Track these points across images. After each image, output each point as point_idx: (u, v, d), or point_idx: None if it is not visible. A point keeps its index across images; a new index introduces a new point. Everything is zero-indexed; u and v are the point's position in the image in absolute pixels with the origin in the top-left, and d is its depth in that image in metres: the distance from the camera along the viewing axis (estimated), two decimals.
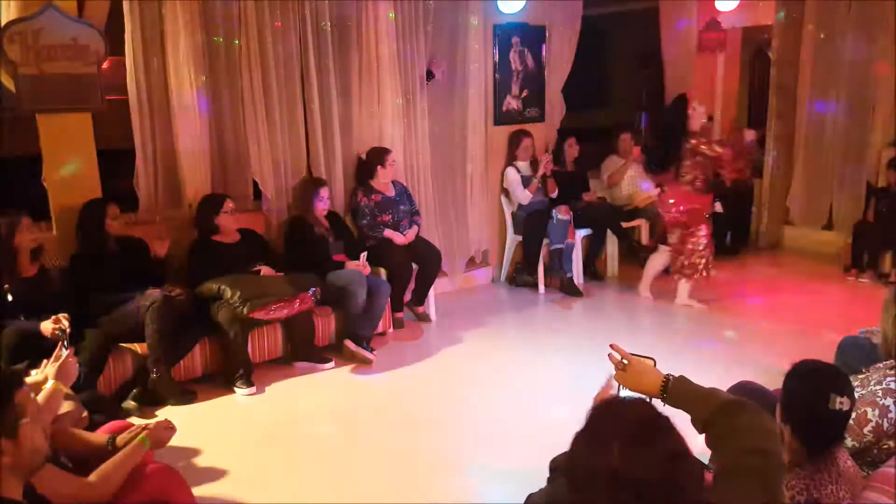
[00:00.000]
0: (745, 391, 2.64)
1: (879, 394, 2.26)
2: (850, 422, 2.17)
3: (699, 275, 5.33)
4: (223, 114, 4.77)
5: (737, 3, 7.15)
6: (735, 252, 7.04)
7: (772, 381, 2.43)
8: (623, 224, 6.37)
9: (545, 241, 5.96)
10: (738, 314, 5.37)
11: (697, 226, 5.28)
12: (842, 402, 1.87)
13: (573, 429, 1.29)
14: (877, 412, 2.22)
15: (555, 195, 6.12)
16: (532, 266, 6.04)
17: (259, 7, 4.69)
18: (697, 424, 1.57)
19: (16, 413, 1.69)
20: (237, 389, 4.17)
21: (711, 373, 3.97)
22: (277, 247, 4.87)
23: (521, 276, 6.22)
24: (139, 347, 3.98)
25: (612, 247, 6.48)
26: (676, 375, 1.74)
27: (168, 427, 2.48)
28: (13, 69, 3.97)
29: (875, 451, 2.25)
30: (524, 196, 6.02)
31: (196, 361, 4.22)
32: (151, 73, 4.45)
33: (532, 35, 6.25)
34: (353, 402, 4.12)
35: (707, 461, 1.81)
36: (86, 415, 2.91)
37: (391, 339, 5.05)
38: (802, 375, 1.97)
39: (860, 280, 6.03)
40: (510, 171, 6.10)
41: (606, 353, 1.89)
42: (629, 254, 6.60)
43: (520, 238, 6.20)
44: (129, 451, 2.25)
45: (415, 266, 5.21)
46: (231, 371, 4.19)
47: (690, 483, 1.20)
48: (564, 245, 5.90)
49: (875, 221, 6.07)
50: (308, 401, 4.12)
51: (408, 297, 5.37)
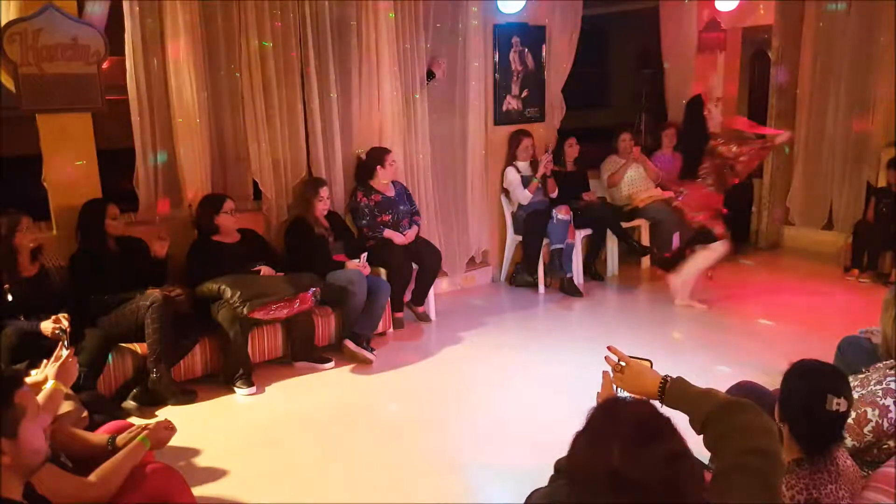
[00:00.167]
0: (745, 391, 2.64)
1: (879, 394, 2.26)
2: (850, 421, 2.17)
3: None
4: (223, 114, 4.78)
5: (737, 3, 7.15)
6: (735, 252, 7.03)
7: (771, 381, 2.43)
8: (623, 224, 6.37)
9: (545, 241, 5.96)
10: (738, 314, 5.37)
11: (715, 225, 5.32)
12: (839, 403, 1.87)
13: (573, 429, 1.29)
14: (877, 412, 2.22)
15: (555, 195, 6.13)
16: (532, 266, 6.03)
17: (259, 7, 4.69)
18: (696, 425, 1.57)
19: (16, 413, 1.69)
20: (237, 389, 4.17)
21: (711, 373, 4.01)
22: (277, 247, 4.87)
23: (521, 276, 6.22)
24: (139, 347, 3.99)
25: (612, 247, 6.48)
26: (674, 377, 1.74)
27: (168, 427, 2.48)
28: (13, 69, 3.98)
29: (875, 451, 2.25)
30: (524, 196, 6.02)
31: (196, 361, 4.22)
32: (151, 73, 4.46)
33: (532, 35, 6.24)
34: (353, 402, 4.12)
35: (707, 461, 1.81)
36: (86, 415, 2.92)
37: (391, 339, 5.05)
38: (800, 375, 1.97)
39: (860, 280, 6.03)
40: (510, 171, 6.10)
41: (604, 356, 1.90)
42: (629, 254, 6.60)
43: (520, 238, 6.20)
44: (129, 451, 2.25)
45: (415, 266, 5.21)
46: (231, 371, 4.20)
47: (690, 483, 1.20)
48: (564, 245, 5.90)
49: (875, 221, 6.06)
50: (308, 401, 4.12)
51: (408, 297, 5.37)
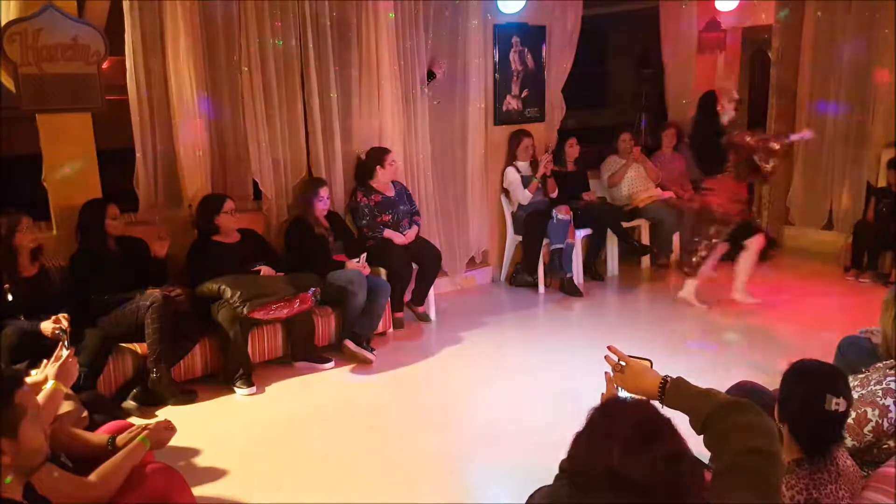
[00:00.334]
0: (745, 391, 2.64)
1: (879, 394, 2.26)
2: (850, 421, 2.17)
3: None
4: (223, 114, 4.78)
5: (737, 3, 7.15)
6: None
7: (771, 381, 2.43)
8: (623, 224, 6.37)
9: (545, 241, 5.96)
10: (738, 314, 5.37)
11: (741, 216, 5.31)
12: (838, 403, 1.86)
13: (573, 429, 1.29)
14: (877, 412, 2.22)
15: (555, 195, 6.13)
16: (532, 266, 6.03)
17: (259, 7, 4.69)
18: (696, 425, 1.57)
19: (16, 413, 1.69)
20: (237, 389, 4.17)
21: (711, 373, 4.01)
22: (277, 247, 4.87)
23: (521, 276, 6.22)
24: (139, 347, 3.99)
25: (612, 247, 6.48)
26: (674, 377, 1.74)
27: (168, 427, 2.48)
28: (13, 69, 3.98)
29: (875, 451, 2.25)
30: (524, 196, 6.02)
31: (196, 361, 4.22)
32: (151, 73, 4.46)
33: (532, 35, 6.24)
34: (354, 402, 4.12)
35: (706, 461, 1.81)
36: (86, 415, 2.92)
37: (391, 339, 5.05)
38: (799, 375, 1.97)
39: (860, 280, 6.02)
40: (510, 171, 6.10)
41: (604, 356, 1.90)
42: (629, 254, 6.60)
43: (520, 238, 6.20)
44: (129, 451, 2.26)
45: (415, 266, 5.21)
46: (231, 371, 4.20)
47: (690, 483, 1.20)
48: (564, 245, 5.89)
49: (875, 221, 6.06)
50: (308, 401, 4.12)
51: (408, 297, 5.37)
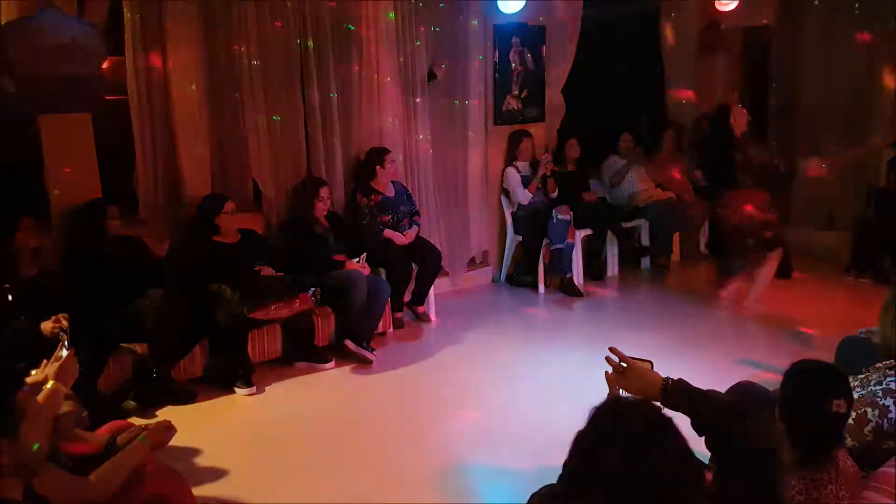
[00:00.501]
0: (745, 391, 2.64)
1: (879, 394, 2.25)
2: (851, 422, 2.17)
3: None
4: (223, 114, 4.78)
5: (737, 3, 7.15)
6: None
7: (771, 382, 2.43)
8: (623, 224, 6.37)
9: (545, 241, 5.96)
10: (738, 314, 5.36)
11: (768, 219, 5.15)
12: (838, 405, 1.86)
13: (574, 429, 1.29)
14: (877, 412, 2.22)
15: (555, 195, 6.12)
16: (532, 266, 6.03)
17: (259, 7, 4.69)
18: (698, 426, 1.57)
19: (16, 413, 1.69)
20: (237, 389, 4.17)
21: (711, 373, 4.00)
22: (277, 247, 4.87)
23: (521, 276, 6.22)
24: (139, 347, 3.98)
25: (612, 247, 6.47)
26: (675, 378, 1.74)
27: (168, 427, 2.48)
28: (13, 69, 3.97)
29: (875, 451, 2.25)
30: (524, 196, 6.02)
31: (196, 361, 4.22)
32: (151, 73, 4.46)
33: (532, 35, 6.24)
34: (353, 402, 4.12)
35: (707, 462, 1.81)
36: (86, 415, 2.92)
37: (391, 339, 5.05)
38: (800, 375, 1.97)
39: (860, 280, 6.02)
40: (510, 171, 6.10)
41: (605, 356, 1.89)
42: (629, 255, 6.59)
43: (520, 238, 6.20)
44: (129, 452, 2.25)
45: (415, 266, 5.21)
46: (231, 371, 4.19)
47: (691, 483, 1.20)
48: (564, 245, 5.89)
49: (875, 221, 6.07)
50: (308, 401, 4.12)
51: (408, 297, 5.37)
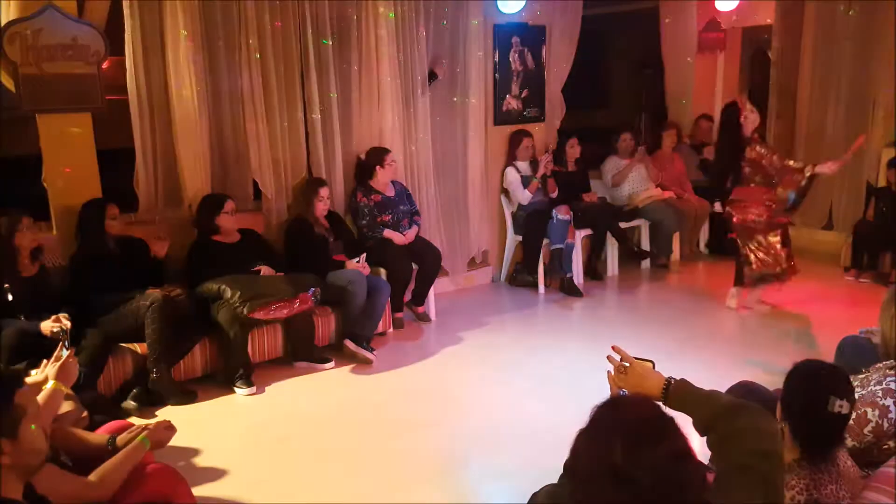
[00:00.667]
0: (746, 391, 2.64)
1: (879, 394, 2.25)
2: (851, 422, 2.17)
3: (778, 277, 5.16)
4: (223, 114, 4.78)
5: (737, 3, 7.15)
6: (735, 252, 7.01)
7: (772, 381, 2.44)
8: (623, 224, 6.37)
9: (545, 241, 5.96)
10: (738, 314, 5.37)
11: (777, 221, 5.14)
12: (841, 406, 1.86)
13: (573, 428, 1.29)
14: (877, 412, 2.22)
15: (555, 195, 6.12)
16: (532, 266, 6.03)
17: (259, 7, 4.69)
18: (699, 427, 1.57)
19: (16, 413, 1.69)
20: (237, 389, 4.17)
21: (712, 372, 4.00)
22: (277, 247, 4.87)
23: (521, 276, 6.22)
24: (139, 347, 3.98)
25: (612, 247, 6.47)
26: (677, 378, 1.74)
27: (168, 427, 2.48)
28: (13, 69, 3.97)
29: (875, 451, 2.25)
30: (524, 196, 6.02)
31: (196, 361, 4.22)
32: (151, 73, 4.46)
33: (532, 35, 6.24)
34: (353, 402, 4.11)
35: (708, 462, 1.81)
36: (86, 415, 2.92)
37: (391, 339, 5.05)
38: (803, 376, 1.97)
39: (860, 280, 6.03)
40: (510, 171, 6.10)
41: (606, 355, 1.89)
42: (628, 258, 6.59)
43: (520, 238, 6.20)
44: (129, 451, 2.25)
45: (415, 266, 5.21)
46: (231, 371, 4.19)
47: (692, 483, 1.20)
48: (564, 245, 5.89)
49: (875, 221, 6.06)
50: (308, 401, 4.12)
51: (408, 297, 5.37)
